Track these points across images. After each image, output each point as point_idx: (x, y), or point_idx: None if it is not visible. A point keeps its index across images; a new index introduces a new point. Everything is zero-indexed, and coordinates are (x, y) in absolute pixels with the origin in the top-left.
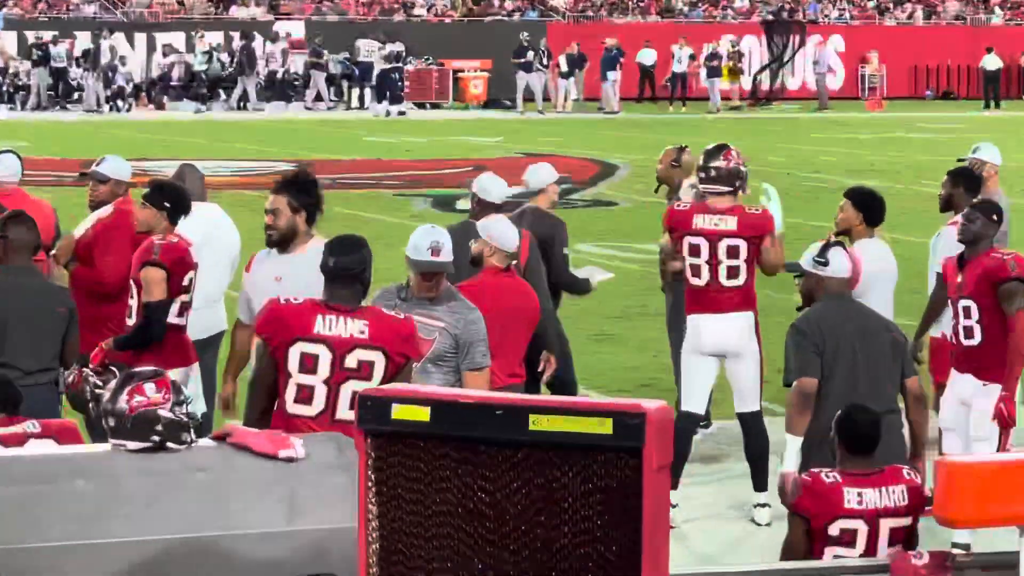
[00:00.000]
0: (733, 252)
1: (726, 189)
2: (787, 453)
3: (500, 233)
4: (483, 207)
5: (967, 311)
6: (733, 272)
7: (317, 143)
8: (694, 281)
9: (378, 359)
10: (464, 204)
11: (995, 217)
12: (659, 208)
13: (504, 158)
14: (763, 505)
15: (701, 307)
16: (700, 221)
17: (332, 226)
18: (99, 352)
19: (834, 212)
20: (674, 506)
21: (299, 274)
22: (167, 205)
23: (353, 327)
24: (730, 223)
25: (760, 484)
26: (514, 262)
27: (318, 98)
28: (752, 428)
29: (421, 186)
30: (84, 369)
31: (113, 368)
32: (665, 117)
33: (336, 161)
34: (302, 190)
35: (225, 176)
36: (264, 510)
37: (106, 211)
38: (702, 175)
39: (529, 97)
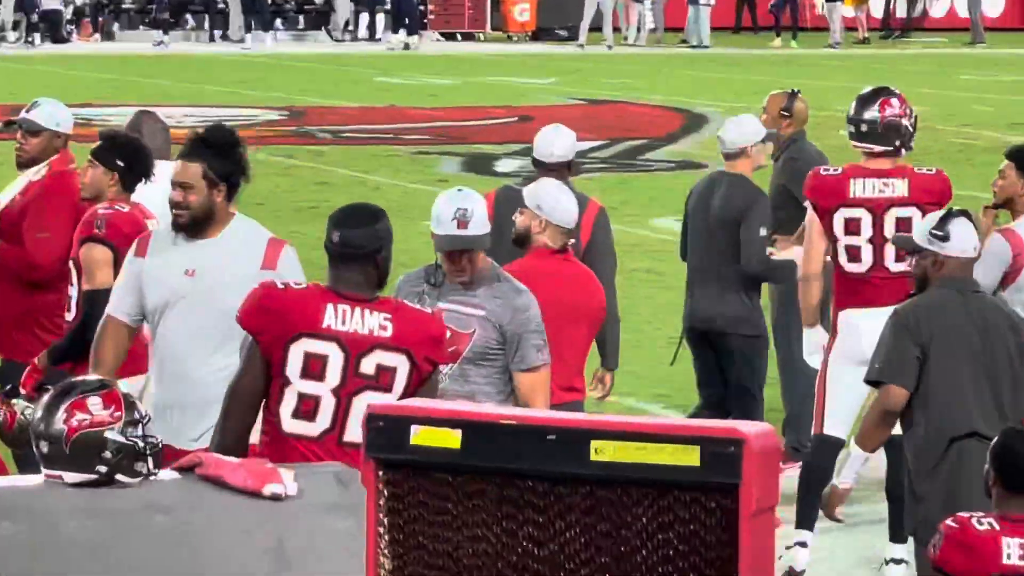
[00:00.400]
0: (904, 226)
1: (880, 148)
2: (848, 466)
3: (553, 202)
4: (543, 171)
5: None
6: (902, 253)
7: (314, 85)
8: (851, 268)
9: (401, 364)
10: (507, 166)
11: None
12: (767, 171)
13: (558, 106)
14: (899, 561)
15: (860, 301)
16: (859, 188)
17: (334, 193)
18: (31, 373)
19: (989, 176)
20: (778, 557)
21: (217, 267)
22: (120, 164)
23: (372, 321)
24: (899, 188)
25: (899, 534)
26: (572, 242)
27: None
28: (901, 460)
29: (449, 142)
30: (14, 402)
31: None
32: (769, 53)
33: (339, 108)
34: (220, 155)
35: (191, 127)
36: (243, 563)
37: (39, 172)
38: (851, 129)
39: (595, 27)
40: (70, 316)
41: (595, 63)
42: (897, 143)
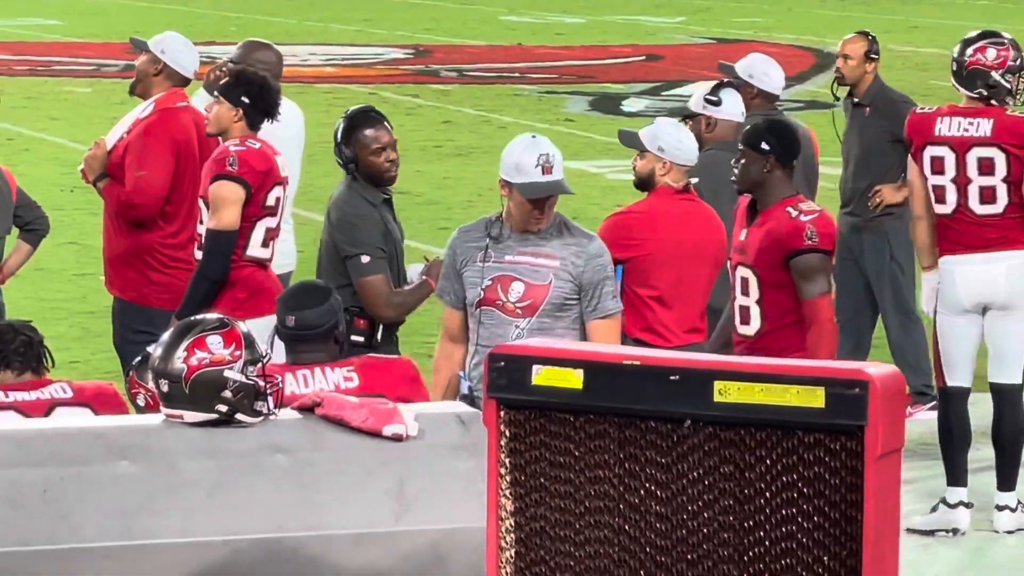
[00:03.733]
0: (987, 167)
1: (965, 92)
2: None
3: (675, 142)
4: (765, 99)
5: (744, 284)
6: (988, 195)
7: (440, 23)
8: (939, 209)
9: None
10: (633, 105)
11: (785, 146)
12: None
13: (686, 45)
14: (1010, 509)
15: (951, 245)
16: (944, 126)
17: (459, 133)
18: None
19: None
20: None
21: None
22: (245, 101)
23: (335, 376)
24: (983, 127)
25: (1007, 481)
26: (694, 180)
27: None
28: (1008, 406)
29: (576, 81)
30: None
31: None
32: None
33: (464, 47)
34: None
35: (317, 66)
36: (364, 505)
37: (145, 110)
38: (952, 67)
39: None
40: (199, 254)
41: (724, 2)
42: (983, 91)
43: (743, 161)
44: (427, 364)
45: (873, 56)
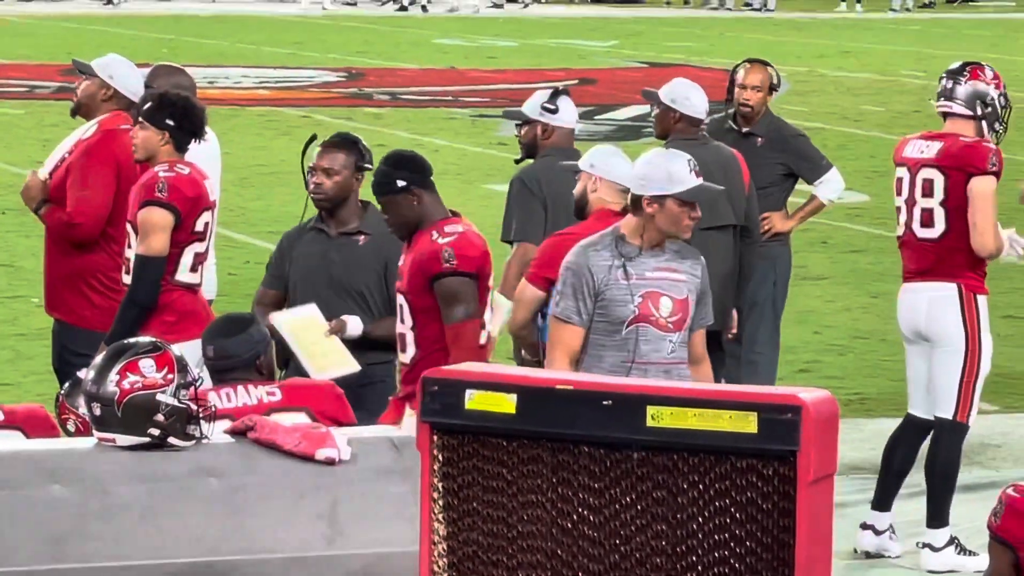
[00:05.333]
0: (928, 188)
1: (961, 110)
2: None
3: (605, 158)
4: (687, 123)
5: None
6: (927, 218)
7: (373, 46)
8: (897, 230)
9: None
10: None
11: (417, 172)
12: (826, 136)
13: (619, 69)
14: (932, 548)
15: (902, 270)
16: (908, 148)
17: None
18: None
19: None
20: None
21: None
22: (170, 123)
23: (259, 392)
24: (933, 148)
25: (933, 517)
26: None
27: None
28: (933, 441)
29: (509, 104)
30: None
31: None
32: (833, 17)
33: (397, 70)
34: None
35: (250, 88)
36: (296, 528)
37: (88, 131)
38: (948, 85)
39: None
40: (127, 278)
41: (656, 26)
42: (979, 110)
43: (397, 206)
44: None
45: (775, 87)
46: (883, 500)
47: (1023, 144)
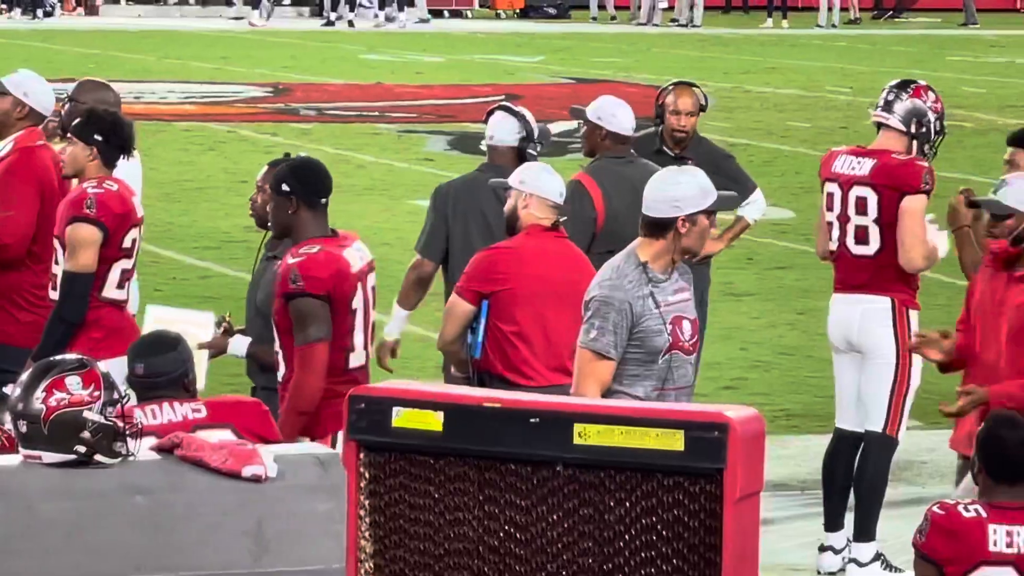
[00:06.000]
0: (862, 206)
1: (898, 125)
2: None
3: (535, 175)
4: (614, 141)
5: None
6: (862, 235)
7: (299, 61)
8: (830, 245)
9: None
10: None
11: (308, 186)
12: (752, 152)
13: (546, 85)
14: (857, 563)
15: (835, 282)
16: (839, 163)
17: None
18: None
19: (980, 159)
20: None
21: None
22: (98, 139)
23: (183, 409)
24: (866, 166)
25: (859, 532)
26: (563, 219)
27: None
28: (862, 455)
29: (436, 120)
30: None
31: None
32: (759, 33)
33: (324, 85)
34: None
35: (176, 104)
36: (222, 546)
37: (3, 149)
38: (889, 97)
39: (582, 4)
40: (55, 295)
41: (583, 42)
42: (913, 128)
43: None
44: None
45: (704, 107)
46: (834, 519)
47: (950, 160)
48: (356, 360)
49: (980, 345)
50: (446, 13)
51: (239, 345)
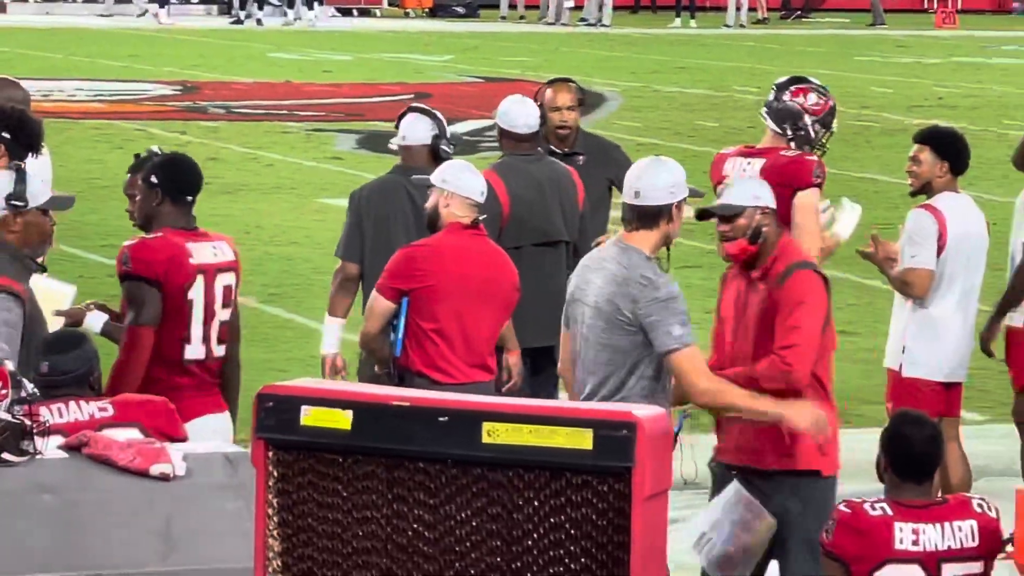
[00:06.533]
0: None
1: (773, 128)
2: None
3: (457, 173)
4: (513, 139)
5: None
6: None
7: (206, 59)
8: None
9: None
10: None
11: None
12: (661, 152)
13: (454, 84)
14: None
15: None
16: (729, 166)
17: (226, 170)
18: None
19: (888, 159)
20: None
21: None
22: (5, 136)
23: (90, 408)
24: (755, 167)
25: None
26: (483, 217)
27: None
28: None
29: (344, 119)
30: None
31: None
32: (668, 33)
33: (232, 84)
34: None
35: (84, 102)
36: (131, 544)
37: None
38: (770, 97)
39: (491, 3)
40: None
41: (491, 41)
42: (789, 132)
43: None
44: None
45: (583, 101)
46: None
47: (857, 161)
48: (193, 353)
49: (731, 345)
50: (355, 11)
51: (96, 320)
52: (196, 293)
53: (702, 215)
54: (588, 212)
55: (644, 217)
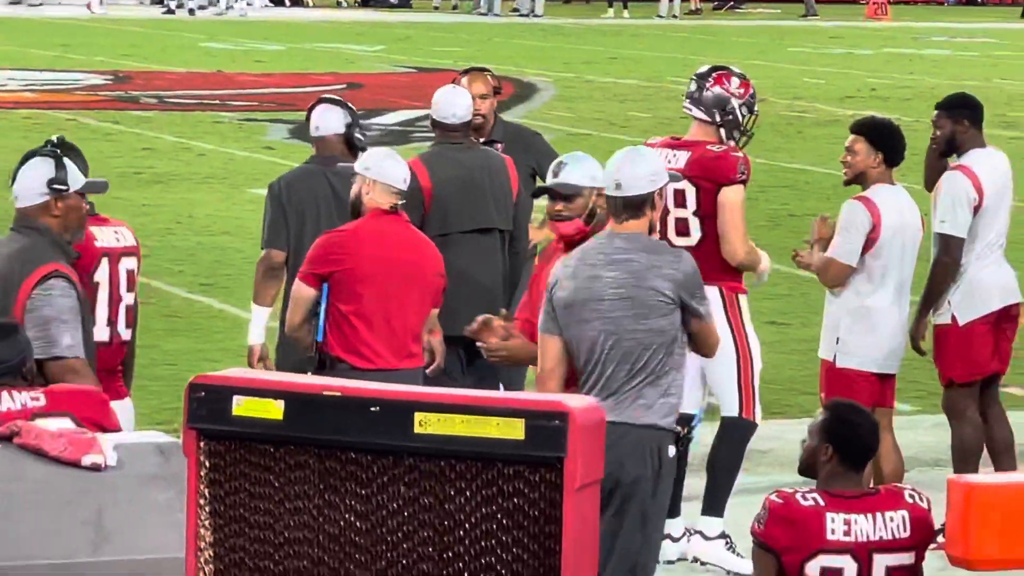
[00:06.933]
0: (680, 199)
1: (700, 116)
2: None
3: (379, 161)
4: (442, 129)
5: None
6: (682, 227)
7: (140, 49)
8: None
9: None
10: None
11: None
12: (594, 143)
13: (387, 74)
14: (703, 535)
15: None
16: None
17: (159, 160)
18: None
19: (821, 150)
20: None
21: None
22: None
23: (22, 397)
24: (681, 160)
25: (709, 506)
26: (402, 203)
27: None
28: (717, 437)
29: (276, 109)
30: None
31: None
32: (601, 23)
33: (165, 73)
34: None
35: (15, 91)
36: (62, 535)
37: None
38: (692, 88)
39: None
40: None
41: (424, 31)
42: (718, 118)
43: None
44: None
45: (499, 90)
46: (671, 506)
47: (790, 151)
48: (99, 335)
49: None
50: (287, 1)
51: None
52: (101, 276)
53: (538, 193)
54: (522, 203)
55: (630, 207)
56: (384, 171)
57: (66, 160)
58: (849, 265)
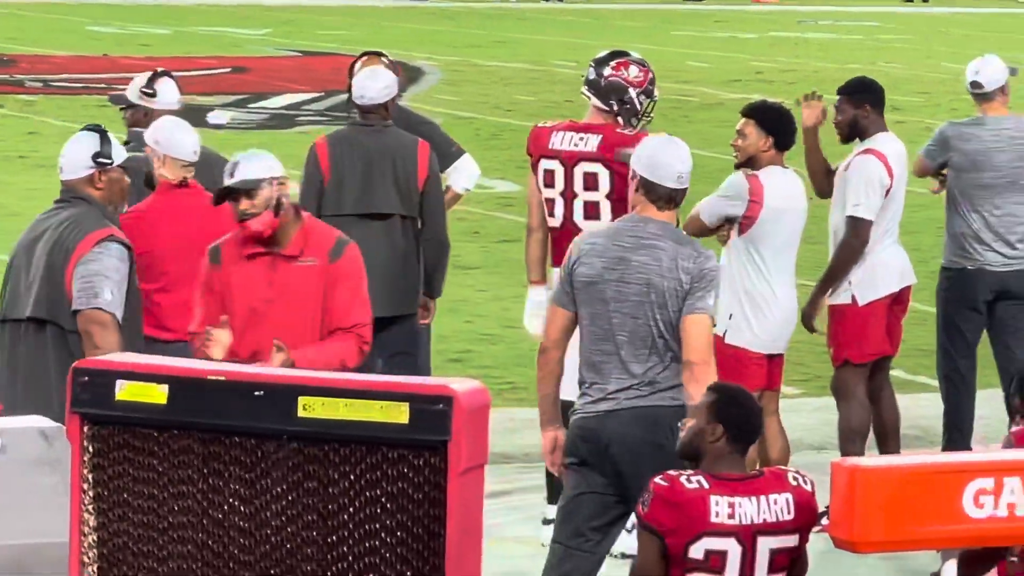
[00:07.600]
0: (591, 182)
1: (597, 103)
2: None
3: (168, 134)
4: (360, 111)
5: None
6: (592, 210)
7: (23, 32)
8: (550, 222)
9: None
10: (219, 117)
11: None
12: (479, 126)
13: (272, 58)
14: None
15: (558, 259)
16: (557, 140)
17: (44, 143)
18: None
19: (707, 133)
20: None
21: None
22: None
23: None
24: (591, 143)
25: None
26: (191, 176)
27: None
28: None
29: None
30: None
31: None
32: (485, 6)
33: (50, 57)
34: None
35: None
36: None
37: None
38: (590, 75)
39: None
40: None
41: (310, 14)
42: (615, 105)
43: None
44: None
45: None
46: (557, 492)
47: (676, 135)
48: None
49: (246, 322)
50: None
51: None
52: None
53: (221, 195)
54: (433, 188)
55: (679, 197)
56: (173, 145)
57: (110, 135)
58: (705, 224)
